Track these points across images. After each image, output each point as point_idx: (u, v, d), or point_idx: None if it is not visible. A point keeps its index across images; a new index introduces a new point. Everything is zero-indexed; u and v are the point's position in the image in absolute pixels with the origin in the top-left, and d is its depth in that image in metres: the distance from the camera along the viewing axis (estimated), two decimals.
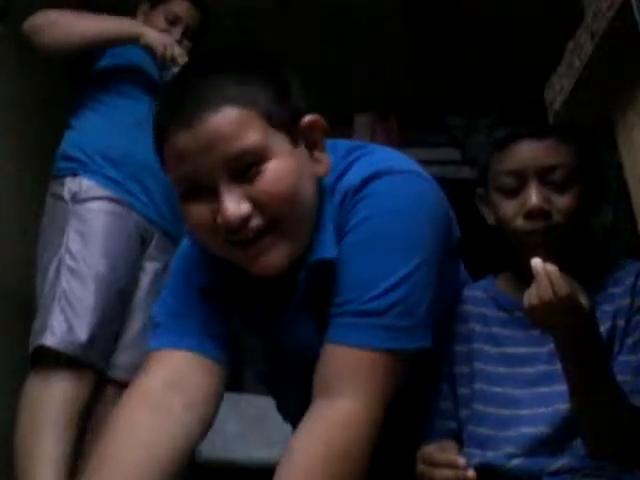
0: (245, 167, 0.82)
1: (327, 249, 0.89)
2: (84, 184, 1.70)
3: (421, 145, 3.01)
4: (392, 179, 0.90)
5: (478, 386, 1.11)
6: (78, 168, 1.72)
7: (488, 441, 1.07)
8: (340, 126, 3.06)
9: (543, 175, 1.07)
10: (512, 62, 2.60)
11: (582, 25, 0.75)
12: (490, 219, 1.18)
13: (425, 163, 3.50)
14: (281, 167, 0.84)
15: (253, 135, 0.82)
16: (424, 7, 2.53)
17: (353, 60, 2.68)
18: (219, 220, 0.83)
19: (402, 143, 2.97)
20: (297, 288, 0.93)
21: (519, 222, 1.07)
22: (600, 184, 1.13)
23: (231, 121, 0.81)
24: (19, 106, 2.04)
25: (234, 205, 0.82)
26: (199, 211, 0.85)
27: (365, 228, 0.87)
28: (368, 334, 0.84)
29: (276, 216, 0.84)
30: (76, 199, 1.68)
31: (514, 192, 1.08)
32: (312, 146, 0.91)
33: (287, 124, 0.86)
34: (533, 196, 1.05)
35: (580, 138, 1.10)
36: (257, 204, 0.83)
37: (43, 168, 1.83)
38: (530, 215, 1.06)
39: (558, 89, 0.83)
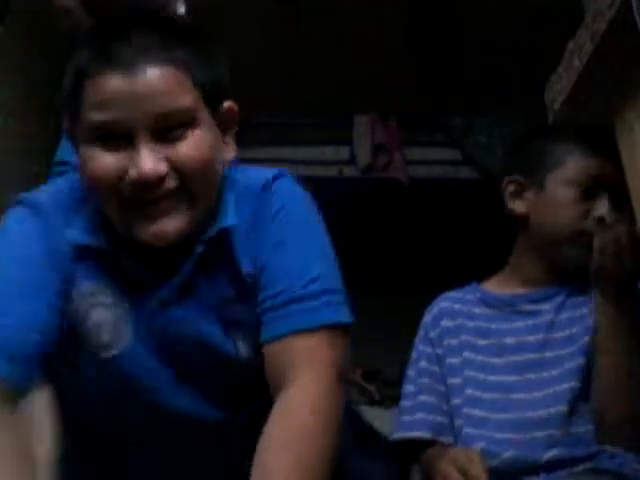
0: (171, 128, 0.83)
1: (228, 219, 0.90)
2: None
3: (421, 145, 3.02)
4: (288, 179, 0.95)
5: (470, 373, 1.15)
6: (72, 171, 1.72)
7: (483, 423, 1.10)
8: (340, 126, 3.07)
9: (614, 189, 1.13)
10: (512, 62, 2.60)
11: (582, 25, 0.75)
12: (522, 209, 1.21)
13: (425, 163, 3.51)
14: (204, 136, 0.85)
15: (187, 98, 0.83)
16: (425, 12, 2.53)
17: (353, 60, 2.68)
18: (132, 174, 0.81)
19: (402, 143, 2.98)
20: (187, 262, 0.88)
21: (587, 225, 1.12)
22: None
23: (170, 78, 0.82)
24: (20, 108, 2.04)
25: (153, 161, 0.81)
26: (107, 160, 0.82)
27: (282, 219, 0.90)
28: (308, 317, 0.84)
29: (189, 182, 0.84)
30: None
31: (589, 196, 1.14)
32: (225, 130, 0.92)
33: (212, 100, 0.88)
34: (605, 206, 1.12)
35: None
36: (174, 167, 0.83)
37: (43, 170, 1.83)
38: (600, 221, 1.11)
39: (558, 89, 0.83)
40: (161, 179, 0.81)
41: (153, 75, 0.81)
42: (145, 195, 0.82)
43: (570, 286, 1.16)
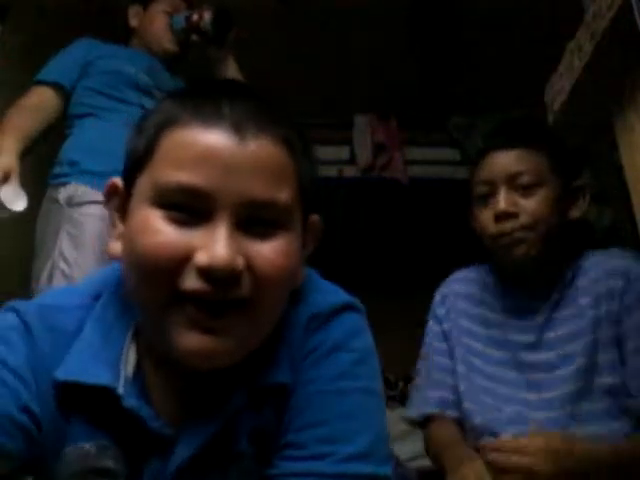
0: (261, 221, 0.64)
1: (283, 373, 0.69)
2: (79, 189, 1.70)
3: (421, 145, 3.02)
4: (356, 316, 0.76)
5: (468, 357, 1.21)
6: (72, 173, 1.73)
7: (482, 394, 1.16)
8: (340, 126, 3.07)
9: (510, 181, 1.15)
10: (512, 62, 2.60)
11: (582, 25, 0.75)
12: None
13: (425, 163, 3.51)
14: (293, 246, 0.66)
15: (290, 192, 0.65)
16: (425, 12, 2.53)
17: (353, 60, 2.68)
18: (201, 259, 0.60)
19: (402, 143, 2.97)
20: (221, 415, 0.68)
21: (491, 227, 1.16)
22: (572, 189, 1.19)
23: (282, 158, 0.65)
24: None
25: (232, 252, 0.61)
26: (172, 235, 0.61)
27: (337, 361, 0.71)
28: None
29: (262, 294, 0.64)
30: (71, 203, 1.68)
31: (487, 199, 1.17)
32: (303, 247, 0.72)
33: (306, 208, 0.70)
34: (501, 200, 1.14)
35: (550, 146, 1.18)
36: (252, 269, 0.63)
37: (44, 172, 1.83)
38: (498, 218, 1.14)
39: (558, 89, 0.83)
40: (237, 277, 0.61)
41: (266, 145, 0.63)
42: (213, 295, 0.61)
43: (565, 283, 1.17)
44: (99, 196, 1.67)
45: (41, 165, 1.89)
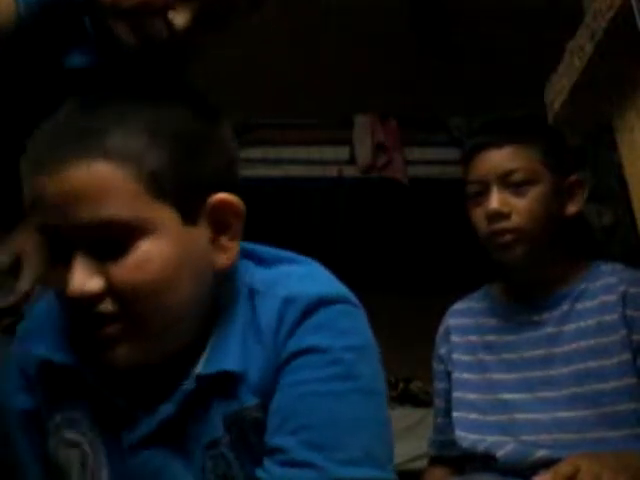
0: (108, 241, 0.64)
1: (231, 360, 0.70)
2: None
3: (421, 145, 3.02)
4: (345, 308, 0.75)
5: (469, 396, 1.16)
6: None
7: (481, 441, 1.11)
8: (340, 126, 3.07)
9: (502, 179, 1.11)
10: (512, 61, 2.60)
11: (582, 25, 0.75)
12: None
13: (425, 163, 3.52)
14: (153, 250, 0.65)
15: (124, 203, 0.64)
16: (426, 14, 2.53)
17: (353, 60, 2.68)
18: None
19: (402, 143, 2.98)
20: (172, 397, 0.70)
21: (483, 227, 1.12)
22: (568, 184, 1.14)
23: (99, 179, 0.64)
24: None
25: (81, 279, 0.64)
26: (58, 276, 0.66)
27: (326, 361, 0.69)
28: None
29: (134, 311, 0.66)
30: None
31: (479, 198, 1.13)
32: (220, 231, 0.71)
33: (181, 196, 0.67)
34: (492, 200, 1.10)
35: (544, 140, 1.14)
36: (112, 289, 0.65)
37: None
38: (491, 218, 1.10)
39: (558, 89, 0.83)
40: (93, 299, 0.65)
41: (76, 176, 0.64)
42: (83, 318, 0.66)
43: (575, 289, 1.12)
44: None
45: None
